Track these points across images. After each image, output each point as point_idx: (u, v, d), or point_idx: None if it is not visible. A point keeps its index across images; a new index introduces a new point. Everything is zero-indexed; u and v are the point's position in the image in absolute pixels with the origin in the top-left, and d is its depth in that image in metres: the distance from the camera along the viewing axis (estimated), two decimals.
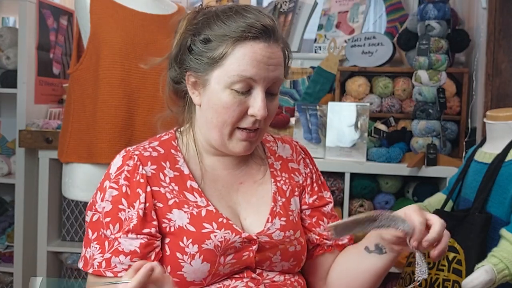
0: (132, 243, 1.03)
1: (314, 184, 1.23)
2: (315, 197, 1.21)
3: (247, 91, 1.04)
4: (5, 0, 2.82)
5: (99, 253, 1.04)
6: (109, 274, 1.03)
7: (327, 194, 1.24)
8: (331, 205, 1.23)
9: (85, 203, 2.52)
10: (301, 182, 1.21)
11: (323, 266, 1.20)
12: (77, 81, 1.91)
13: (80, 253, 2.74)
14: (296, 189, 1.20)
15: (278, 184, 1.18)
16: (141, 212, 1.05)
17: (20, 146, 2.46)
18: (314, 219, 1.20)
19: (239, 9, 1.06)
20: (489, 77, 2.09)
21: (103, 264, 1.03)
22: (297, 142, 1.28)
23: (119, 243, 1.04)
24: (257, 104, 1.04)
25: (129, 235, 1.03)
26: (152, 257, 1.04)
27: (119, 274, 1.02)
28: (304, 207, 1.21)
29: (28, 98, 2.57)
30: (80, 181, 1.93)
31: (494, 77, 2.08)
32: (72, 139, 1.92)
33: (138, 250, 1.03)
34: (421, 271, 0.97)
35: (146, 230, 1.04)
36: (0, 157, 2.71)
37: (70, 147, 1.92)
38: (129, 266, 1.02)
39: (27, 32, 2.55)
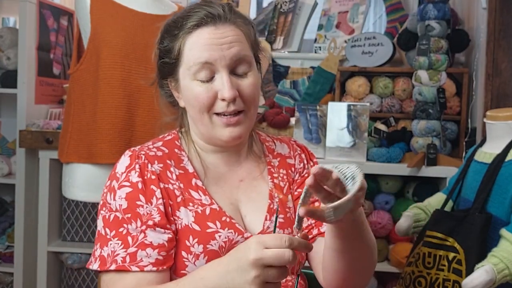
0: (161, 237, 1.04)
1: (302, 178, 1.22)
2: (296, 187, 1.21)
3: (212, 77, 1.07)
4: (5, 0, 2.83)
5: (121, 249, 1.03)
6: (134, 268, 1.01)
7: None
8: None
9: (85, 203, 2.55)
10: (295, 178, 1.22)
11: (314, 255, 1.18)
12: (77, 81, 1.91)
13: (80, 253, 2.73)
14: (291, 186, 1.21)
15: (275, 180, 1.19)
16: (162, 208, 1.06)
17: (20, 146, 2.47)
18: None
19: (190, 8, 1.10)
20: (489, 77, 2.09)
21: (127, 258, 1.02)
22: (294, 141, 1.29)
23: (145, 236, 1.03)
24: (222, 86, 1.06)
25: (157, 229, 1.04)
26: (173, 254, 1.06)
27: (145, 269, 1.02)
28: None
29: (28, 99, 2.57)
30: (80, 181, 1.93)
31: (494, 77, 2.08)
32: (72, 139, 1.92)
33: (166, 244, 1.04)
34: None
35: (169, 226, 1.06)
36: (0, 157, 2.71)
37: (70, 147, 1.93)
38: (156, 259, 1.02)
39: (27, 33, 2.55)
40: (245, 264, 0.86)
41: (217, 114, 1.08)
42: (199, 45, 1.06)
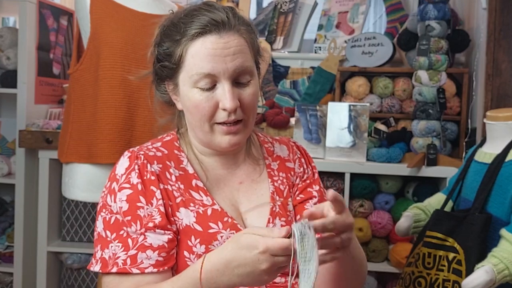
0: (161, 238, 1.04)
1: (303, 183, 1.22)
2: (297, 192, 1.21)
3: (213, 86, 1.06)
4: (5, 0, 2.82)
5: (122, 251, 1.03)
6: (135, 270, 1.02)
7: (316, 187, 1.22)
8: (315, 199, 1.20)
9: (85, 203, 2.55)
10: (295, 182, 1.22)
11: None
12: (77, 81, 1.91)
13: (79, 253, 2.72)
14: (291, 190, 1.21)
15: (276, 184, 1.19)
16: (162, 209, 1.06)
17: (20, 146, 2.46)
18: (297, 218, 1.20)
19: (192, 10, 1.08)
20: (489, 77, 2.09)
21: (128, 261, 1.02)
22: (294, 142, 1.29)
23: (145, 238, 1.03)
24: (224, 97, 1.05)
25: (157, 230, 1.04)
26: (175, 254, 1.06)
27: (146, 270, 1.02)
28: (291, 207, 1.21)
29: (28, 98, 2.57)
30: (80, 181, 1.93)
31: (494, 77, 2.08)
32: (72, 139, 1.92)
33: (166, 245, 1.04)
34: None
35: (169, 226, 1.06)
36: (0, 157, 2.71)
37: (70, 147, 1.92)
38: (157, 261, 1.03)
39: (27, 32, 2.55)
40: (258, 272, 0.89)
41: (218, 123, 1.08)
42: (202, 55, 1.04)
